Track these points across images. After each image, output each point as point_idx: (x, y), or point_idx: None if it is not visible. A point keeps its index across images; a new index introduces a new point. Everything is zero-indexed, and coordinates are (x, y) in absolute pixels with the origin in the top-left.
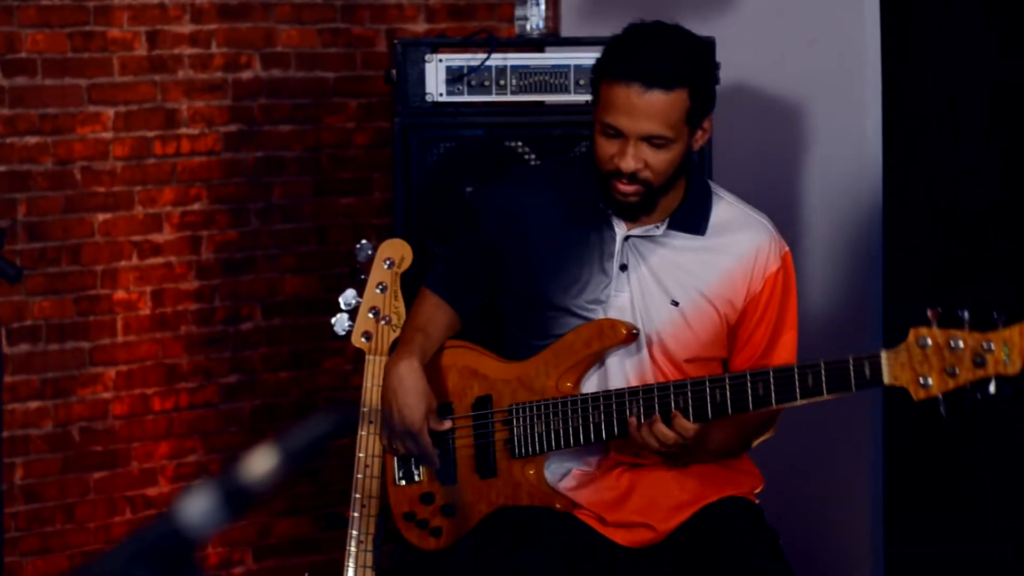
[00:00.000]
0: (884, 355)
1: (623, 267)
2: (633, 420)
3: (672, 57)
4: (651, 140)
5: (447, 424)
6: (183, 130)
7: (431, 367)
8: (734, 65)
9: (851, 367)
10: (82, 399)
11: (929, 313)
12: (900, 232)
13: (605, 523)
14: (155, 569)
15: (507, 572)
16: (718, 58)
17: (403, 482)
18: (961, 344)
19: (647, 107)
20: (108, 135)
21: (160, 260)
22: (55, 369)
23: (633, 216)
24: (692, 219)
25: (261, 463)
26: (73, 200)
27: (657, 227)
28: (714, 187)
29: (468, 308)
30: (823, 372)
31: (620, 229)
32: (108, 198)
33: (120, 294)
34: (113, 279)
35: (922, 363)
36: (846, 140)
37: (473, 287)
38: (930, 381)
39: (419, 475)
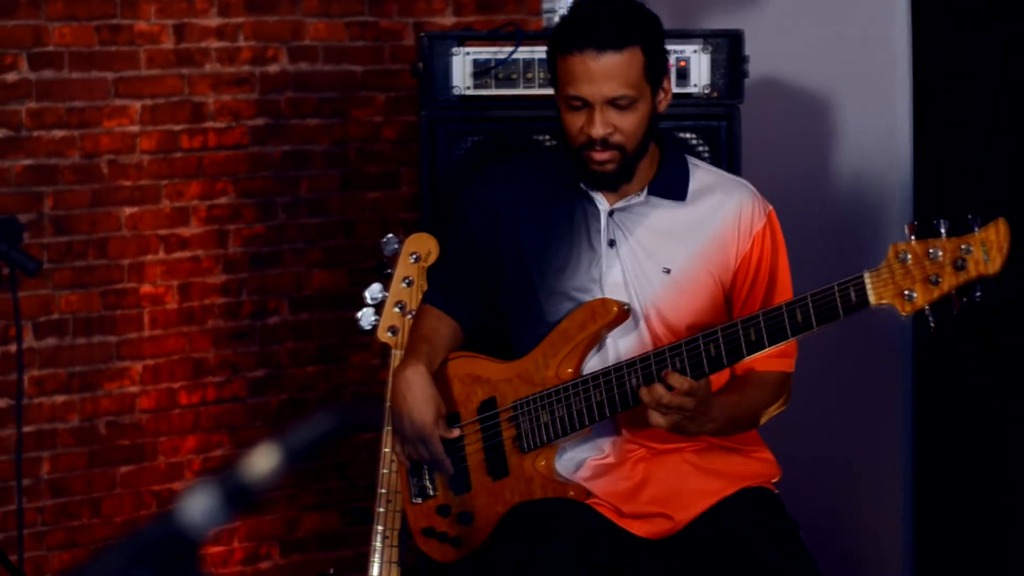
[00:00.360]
0: (867, 275)
1: (611, 242)
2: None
3: (618, 19)
4: (615, 103)
5: (456, 432)
6: (210, 124)
7: (434, 380)
8: (763, 59)
9: (836, 294)
10: (109, 393)
11: (906, 228)
12: (931, 219)
13: (622, 514)
14: (154, 569)
15: (524, 567)
16: (747, 51)
17: (419, 500)
18: (940, 252)
19: (604, 69)
20: (135, 129)
21: (187, 254)
22: (82, 363)
23: (614, 186)
24: (671, 185)
25: (262, 461)
26: (100, 194)
27: (638, 195)
28: (689, 157)
29: (468, 318)
30: (811, 305)
31: (603, 205)
32: (135, 192)
33: (147, 288)
34: (140, 273)
35: (904, 277)
36: (875, 134)
37: (470, 294)
38: (914, 294)
39: (433, 489)
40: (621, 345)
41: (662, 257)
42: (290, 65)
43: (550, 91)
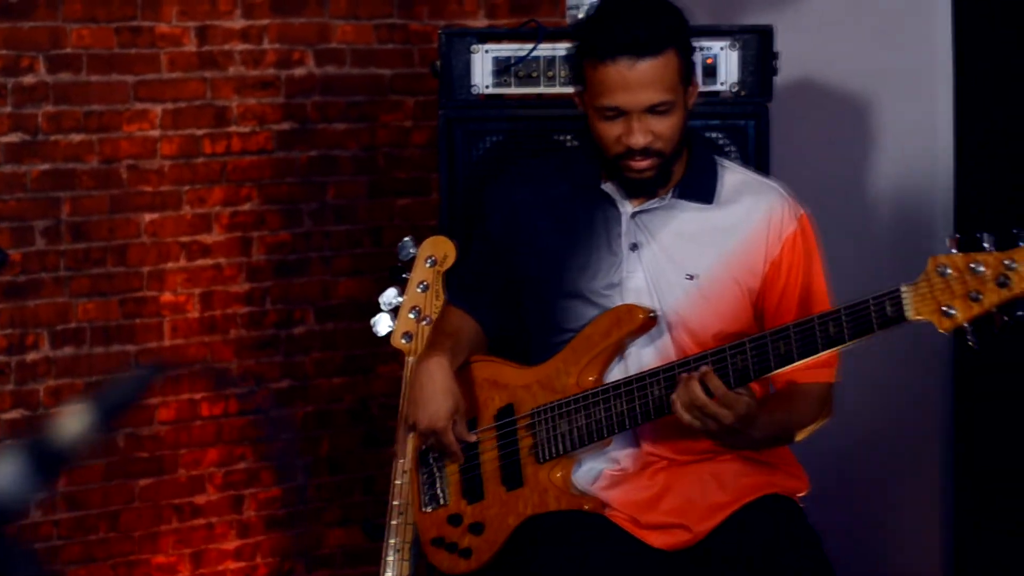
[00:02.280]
0: (904, 289)
1: (633, 246)
2: (675, 397)
3: (651, 21)
4: (654, 109)
5: (473, 437)
6: (233, 128)
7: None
8: (797, 57)
9: (871, 307)
10: None
11: (948, 240)
12: (974, 231)
13: (639, 525)
14: None
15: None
16: (782, 51)
17: (430, 508)
18: (983, 267)
19: (642, 77)
20: (156, 133)
21: (209, 261)
22: (100, 372)
23: (652, 191)
24: (699, 187)
25: (74, 423)
26: (119, 199)
27: (662, 199)
28: (718, 158)
29: (491, 320)
30: (843, 318)
31: (625, 207)
32: (155, 198)
33: (167, 296)
34: (160, 281)
35: (944, 291)
36: (915, 137)
37: (491, 296)
38: (954, 310)
39: (444, 498)
40: (644, 354)
41: (686, 263)
42: (316, 68)
43: (572, 89)
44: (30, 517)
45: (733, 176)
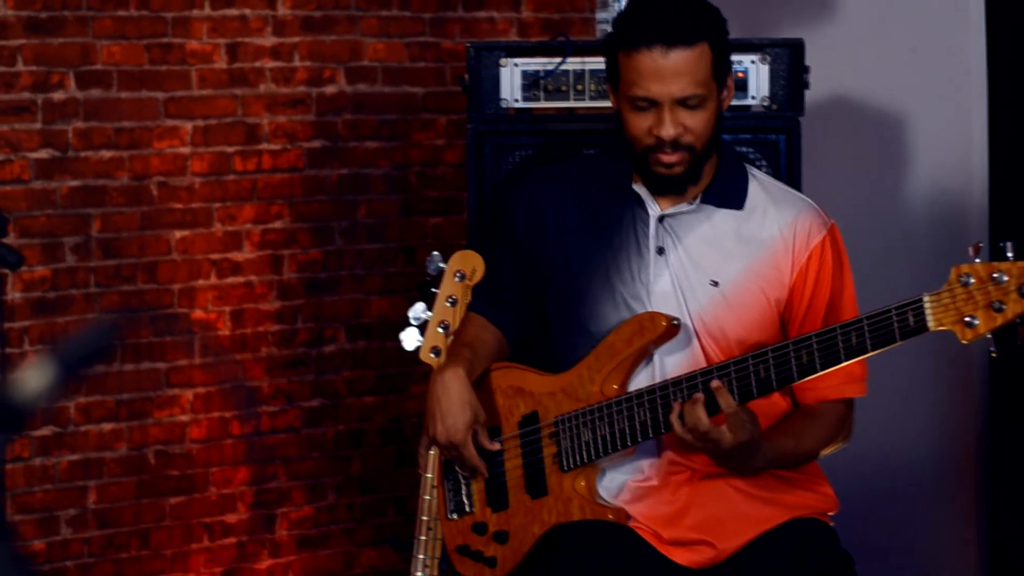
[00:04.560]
0: (927, 299)
1: (660, 250)
2: (673, 418)
3: (685, 13)
4: (685, 102)
5: (496, 445)
6: (264, 146)
7: (477, 390)
8: (829, 71)
9: (894, 317)
10: (158, 422)
11: (970, 249)
12: (996, 249)
13: (662, 540)
14: None
15: None
16: (815, 66)
17: (455, 515)
18: (1005, 276)
19: (674, 66)
20: (186, 150)
21: (240, 279)
22: (130, 390)
23: (681, 188)
24: (728, 193)
25: (37, 378)
26: (149, 216)
27: (690, 204)
28: (748, 167)
29: (513, 326)
30: (866, 328)
31: (653, 210)
32: (186, 215)
33: (198, 313)
34: (191, 298)
35: (966, 302)
36: (950, 150)
37: (514, 301)
38: (976, 320)
39: (470, 506)
40: (670, 361)
41: (710, 269)
42: (348, 86)
43: (601, 103)
44: (60, 534)
45: (762, 185)
